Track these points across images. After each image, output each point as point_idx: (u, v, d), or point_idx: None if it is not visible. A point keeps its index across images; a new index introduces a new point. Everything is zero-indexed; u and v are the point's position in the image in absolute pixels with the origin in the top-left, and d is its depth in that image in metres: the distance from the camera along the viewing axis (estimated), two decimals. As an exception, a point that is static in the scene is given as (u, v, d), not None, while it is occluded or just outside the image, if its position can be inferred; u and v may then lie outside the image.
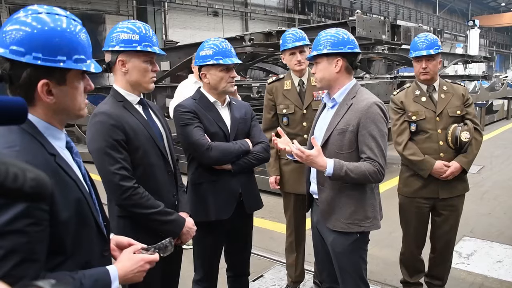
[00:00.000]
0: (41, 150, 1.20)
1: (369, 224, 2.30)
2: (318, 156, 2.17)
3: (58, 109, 1.26)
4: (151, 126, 2.14)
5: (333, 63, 2.29)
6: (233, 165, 2.52)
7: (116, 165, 1.97)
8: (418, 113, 2.98)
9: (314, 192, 2.45)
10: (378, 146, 2.20)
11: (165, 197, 2.15)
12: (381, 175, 2.22)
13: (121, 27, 2.08)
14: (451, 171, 2.92)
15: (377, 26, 6.35)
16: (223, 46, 2.53)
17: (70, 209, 1.21)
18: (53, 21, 1.21)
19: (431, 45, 2.96)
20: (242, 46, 7.50)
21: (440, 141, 2.95)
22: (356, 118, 2.22)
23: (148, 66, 2.10)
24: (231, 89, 2.58)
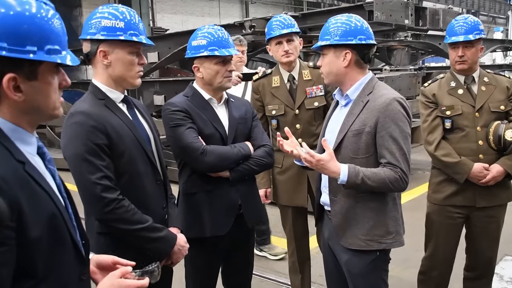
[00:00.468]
0: (7, 157, 1.17)
1: (391, 241, 2.30)
2: (330, 161, 2.16)
3: (27, 109, 1.22)
4: (137, 128, 2.14)
5: (341, 56, 2.28)
6: (231, 172, 2.52)
7: (97, 174, 1.96)
8: (454, 107, 2.95)
9: (325, 203, 2.45)
10: (400, 149, 2.19)
11: (153, 210, 2.15)
12: (404, 182, 2.21)
13: (102, 11, 2.08)
14: (493, 176, 2.86)
15: (399, 9, 6.32)
16: (219, 34, 2.54)
17: (41, 225, 1.18)
18: (20, 5, 1.17)
19: (471, 30, 2.93)
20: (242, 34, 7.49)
21: (480, 141, 2.92)
22: (374, 117, 2.22)
23: (134, 59, 2.10)
24: (229, 84, 2.58)
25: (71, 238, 1.32)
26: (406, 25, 6.46)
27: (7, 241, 1.08)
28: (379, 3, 5.90)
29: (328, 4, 25.95)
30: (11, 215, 1.08)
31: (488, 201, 2.96)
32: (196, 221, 2.54)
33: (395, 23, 6.22)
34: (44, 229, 1.19)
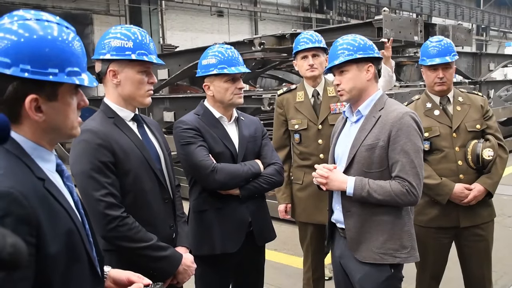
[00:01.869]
0: (28, 174, 1.20)
1: (406, 255, 2.29)
2: (334, 172, 2.22)
3: (48, 128, 1.26)
4: (146, 147, 2.16)
5: (363, 70, 2.33)
6: (241, 190, 2.54)
7: (102, 191, 1.97)
8: (432, 129, 2.96)
9: (338, 221, 2.45)
10: (410, 162, 2.21)
11: (160, 229, 2.16)
12: (413, 196, 2.21)
13: (114, 32, 2.12)
14: (474, 195, 2.87)
15: (408, 25, 6.34)
16: (229, 53, 2.58)
17: (59, 241, 1.20)
18: (43, 29, 1.22)
19: (448, 51, 2.97)
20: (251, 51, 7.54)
21: (459, 161, 2.92)
22: (387, 131, 2.24)
23: (143, 78, 2.12)
24: (239, 101, 2.61)
25: (87, 255, 1.34)
26: (415, 42, 6.48)
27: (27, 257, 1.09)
28: (388, 20, 5.95)
29: (337, 21, 26.10)
30: (31, 231, 1.11)
31: (472, 220, 2.96)
32: (207, 239, 2.56)
33: (405, 39, 6.25)
34: (62, 245, 1.21)
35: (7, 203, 1.08)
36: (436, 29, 6.96)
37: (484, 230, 3.01)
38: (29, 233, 1.11)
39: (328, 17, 26.37)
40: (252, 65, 8.84)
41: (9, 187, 1.10)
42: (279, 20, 24.31)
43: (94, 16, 17.62)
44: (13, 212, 1.08)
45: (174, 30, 19.79)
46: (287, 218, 3.42)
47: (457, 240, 3.07)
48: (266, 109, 7.11)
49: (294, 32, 7.22)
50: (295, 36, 6.86)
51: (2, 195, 1.08)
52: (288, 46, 7.09)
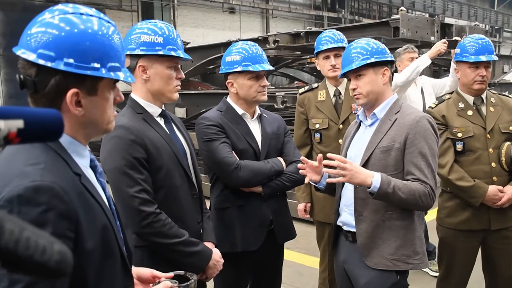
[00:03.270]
0: (66, 169, 1.20)
1: (418, 261, 2.28)
2: (357, 167, 2.17)
3: (85, 123, 1.27)
4: (174, 142, 2.17)
5: (380, 73, 2.32)
6: (264, 188, 2.55)
7: (136, 187, 1.98)
8: (465, 129, 2.92)
9: (347, 223, 2.41)
10: (428, 166, 2.20)
11: (189, 225, 2.17)
12: (432, 200, 2.21)
13: (141, 27, 2.13)
14: (508, 198, 2.83)
15: (425, 25, 6.30)
16: (253, 50, 2.59)
17: (95, 237, 1.21)
18: (83, 23, 1.23)
19: (491, 50, 2.94)
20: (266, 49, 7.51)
21: (492, 163, 2.89)
22: (403, 134, 2.23)
23: (172, 73, 2.13)
24: (263, 98, 2.61)
25: (119, 250, 1.35)
26: (432, 42, 6.44)
27: None
28: (405, 20, 5.90)
29: (349, 20, 26.01)
30: (71, 226, 1.12)
31: (503, 223, 2.93)
32: (228, 236, 2.56)
33: (421, 39, 6.20)
34: (98, 240, 1.22)
35: (50, 197, 1.09)
36: (453, 30, 6.90)
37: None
38: (69, 228, 1.12)
39: (340, 15, 26.27)
40: (268, 63, 8.78)
41: (51, 182, 1.10)
42: (290, 18, 24.25)
43: (107, 11, 17.58)
44: (55, 207, 1.09)
45: (185, 26, 19.79)
46: (306, 217, 3.41)
47: (484, 243, 3.04)
48: (280, 107, 7.08)
49: (309, 30, 7.20)
50: (310, 34, 6.90)
51: (45, 190, 1.09)
52: (302, 44, 7.09)
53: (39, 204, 1.07)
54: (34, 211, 1.06)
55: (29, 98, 1.23)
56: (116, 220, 1.41)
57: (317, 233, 3.51)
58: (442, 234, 3.12)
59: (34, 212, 1.06)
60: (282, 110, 7.52)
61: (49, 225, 1.07)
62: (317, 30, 7.03)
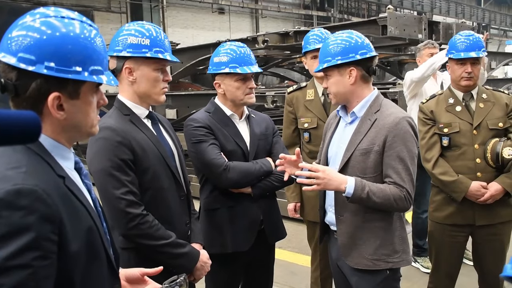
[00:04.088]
0: (49, 172, 1.19)
1: (398, 260, 2.28)
2: (332, 171, 2.15)
3: (68, 126, 1.26)
4: (161, 144, 2.15)
5: (345, 74, 2.26)
6: (253, 188, 2.54)
7: (122, 189, 1.97)
8: (452, 124, 2.94)
9: (331, 223, 2.42)
10: (406, 169, 2.18)
11: (177, 226, 2.16)
12: (408, 202, 2.19)
13: (128, 29, 2.11)
14: (491, 194, 2.84)
15: (412, 23, 6.30)
16: (241, 51, 2.56)
17: (80, 239, 1.20)
18: (65, 26, 1.21)
19: (478, 46, 2.93)
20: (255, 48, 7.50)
21: (477, 158, 2.90)
22: (382, 136, 2.20)
23: (159, 75, 2.11)
24: (251, 100, 2.59)
25: (105, 252, 1.34)
26: (419, 40, 6.45)
27: (50, 255, 1.09)
28: (392, 18, 5.91)
29: (338, 19, 26.06)
30: (54, 229, 1.11)
31: (488, 219, 2.94)
32: (218, 237, 2.55)
33: (409, 37, 6.22)
34: (83, 243, 1.21)
35: (32, 200, 1.07)
36: (440, 27, 6.92)
37: (500, 229, 2.99)
38: (52, 231, 1.10)
39: (329, 14, 26.35)
40: (256, 63, 8.77)
41: (33, 185, 1.09)
42: (280, 18, 24.29)
43: (95, 13, 17.56)
44: (37, 210, 1.07)
45: (175, 27, 19.75)
46: (296, 216, 3.41)
47: (473, 238, 3.06)
48: (270, 107, 7.06)
49: (298, 29, 7.18)
50: (299, 34, 6.88)
51: (27, 193, 1.07)
52: (291, 44, 7.07)
53: (21, 207, 1.05)
54: (16, 215, 1.05)
55: (10, 102, 1.22)
56: (103, 222, 1.40)
57: (308, 232, 3.49)
58: (430, 228, 3.17)
59: (15, 216, 1.04)
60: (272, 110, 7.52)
61: (32, 228, 1.06)
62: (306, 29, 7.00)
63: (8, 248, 1.02)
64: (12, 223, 1.04)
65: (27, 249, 1.05)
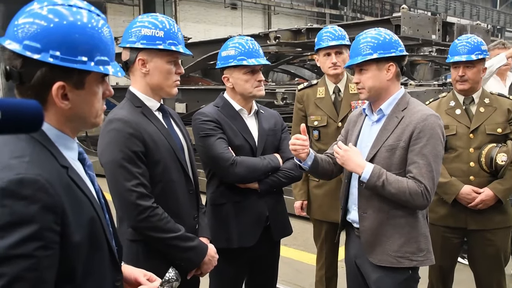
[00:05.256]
0: (53, 162, 1.18)
1: (422, 258, 2.26)
2: (357, 153, 2.15)
3: (72, 116, 1.25)
4: (172, 137, 2.15)
5: (384, 69, 2.26)
6: (260, 184, 2.52)
7: (133, 181, 1.95)
8: (449, 127, 2.90)
9: (354, 221, 2.41)
10: (427, 165, 2.15)
11: (185, 220, 2.15)
12: (426, 199, 2.16)
13: (142, 20, 2.10)
14: (481, 199, 2.82)
15: (426, 24, 6.24)
16: (249, 45, 2.55)
17: (83, 230, 1.19)
18: (72, 15, 1.20)
19: (473, 49, 2.89)
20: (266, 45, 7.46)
21: (471, 162, 2.88)
22: (409, 132, 2.19)
23: (171, 68, 2.11)
24: (260, 93, 2.58)
25: (108, 244, 1.33)
26: (433, 40, 6.40)
27: (52, 245, 1.09)
28: (406, 18, 5.86)
29: (351, 18, 25.93)
30: (56, 219, 1.10)
31: (480, 224, 2.92)
32: (224, 232, 2.54)
33: (422, 38, 6.16)
34: (85, 233, 1.20)
35: (35, 190, 1.07)
36: (454, 28, 6.84)
37: (494, 235, 2.95)
38: (55, 222, 1.10)
39: (342, 13, 26.23)
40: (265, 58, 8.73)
41: (36, 174, 1.09)
42: (292, 15, 24.20)
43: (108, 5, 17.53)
44: (40, 200, 1.07)
45: (187, 22, 19.75)
46: (303, 214, 3.39)
47: (468, 241, 3.06)
48: (279, 104, 7.03)
49: (310, 27, 7.14)
50: (311, 31, 6.85)
51: (29, 182, 1.07)
52: (303, 41, 7.03)
53: (23, 197, 1.05)
54: (18, 205, 1.05)
55: (15, 90, 1.22)
56: (105, 214, 1.39)
57: (314, 231, 3.47)
58: None
59: (18, 205, 1.05)
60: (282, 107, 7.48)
61: (34, 218, 1.06)
62: (318, 27, 6.97)
63: (11, 237, 1.03)
64: (15, 212, 1.04)
65: (30, 239, 1.05)
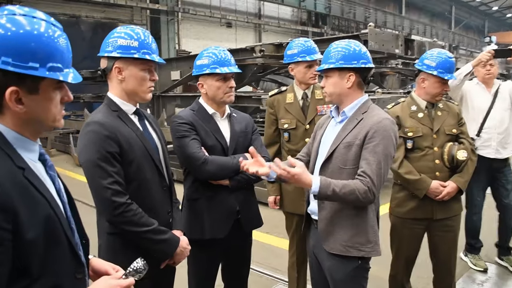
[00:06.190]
0: (7, 163, 1.10)
1: (369, 249, 2.14)
2: (302, 173, 1.97)
3: (29, 120, 1.16)
4: (146, 138, 2.05)
5: (345, 78, 2.15)
6: (231, 181, 2.40)
7: (109, 179, 1.86)
8: (415, 129, 2.86)
9: (313, 212, 2.29)
10: (377, 163, 2.02)
11: (159, 215, 2.05)
12: (372, 194, 2.02)
13: (119, 31, 1.99)
14: (447, 192, 2.81)
15: (390, 40, 6.28)
16: (221, 55, 2.44)
17: (37, 227, 1.11)
18: (30, 24, 1.11)
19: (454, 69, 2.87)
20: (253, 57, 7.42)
21: (436, 160, 2.85)
22: (365, 132, 2.08)
23: (146, 75, 2.01)
24: (230, 99, 2.47)
25: (67, 239, 1.23)
26: (396, 54, 6.39)
27: (3, 242, 1.02)
28: (373, 34, 5.92)
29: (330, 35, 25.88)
30: (7, 218, 1.02)
31: (444, 213, 2.90)
32: (198, 224, 2.42)
33: (387, 51, 6.22)
34: (40, 231, 1.12)
35: None
36: (415, 44, 6.86)
37: (454, 221, 2.96)
38: (5, 220, 1.02)
39: (323, 31, 26.22)
40: (254, 69, 8.68)
41: None
42: (280, 32, 24.15)
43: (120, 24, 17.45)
44: None
45: (188, 38, 19.70)
46: (276, 208, 3.27)
47: (429, 230, 3.00)
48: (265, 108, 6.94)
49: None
50: (291, 45, 6.75)
51: None
52: (284, 54, 6.94)
53: None
54: None
55: None
56: (67, 211, 1.29)
57: (286, 222, 3.36)
58: (392, 221, 3.08)
59: None
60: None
61: None
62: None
63: None
64: None
65: None
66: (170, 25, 18.66)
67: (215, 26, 21.07)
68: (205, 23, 20.66)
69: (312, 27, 26.39)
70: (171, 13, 18.70)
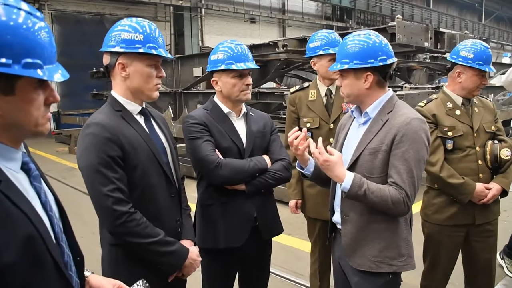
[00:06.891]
0: None
1: (402, 263, 1.91)
2: (337, 163, 1.79)
3: (6, 125, 1.00)
4: (153, 141, 1.85)
5: (362, 78, 1.90)
6: (247, 185, 2.19)
7: (110, 186, 1.68)
8: (455, 128, 2.61)
9: (337, 222, 2.07)
10: (408, 171, 1.79)
11: (166, 224, 1.86)
12: (406, 206, 1.81)
13: (123, 24, 1.80)
14: (493, 194, 2.58)
15: (419, 32, 6.00)
16: (238, 49, 2.23)
17: (15, 249, 0.95)
18: (7, 14, 0.94)
19: None
20: (276, 52, 7.25)
21: (479, 160, 2.61)
22: (391, 135, 1.83)
23: (152, 71, 1.81)
24: (246, 97, 2.26)
25: (53, 260, 1.06)
26: (425, 47, 6.10)
27: None
28: (401, 26, 5.62)
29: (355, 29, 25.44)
30: None
31: (485, 217, 2.68)
32: (211, 233, 2.23)
33: (416, 45, 5.93)
34: (19, 252, 0.96)
35: None
36: (445, 37, 6.53)
37: (493, 225, 2.73)
38: None
39: (348, 25, 25.69)
40: (277, 65, 8.47)
41: None
42: (304, 27, 23.80)
43: (144, 20, 17.56)
44: None
45: (211, 34, 19.64)
46: (297, 213, 3.04)
47: (468, 237, 2.74)
48: (287, 105, 6.76)
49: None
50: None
51: None
52: (308, 49, 6.74)
53: None
54: None
55: None
56: (56, 226, 1.11)
57: (308, 227, 3.13)
58: (428, 230, 2.80)
59: None
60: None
61: None
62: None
63: None
64: None
65: None
66: (194, 22, 18.60)
67: (239, 21, 20.93)
68: (229, 19, 20.54)
69: (337, 21, 25.89)
70: (195, 10, 18.62)
